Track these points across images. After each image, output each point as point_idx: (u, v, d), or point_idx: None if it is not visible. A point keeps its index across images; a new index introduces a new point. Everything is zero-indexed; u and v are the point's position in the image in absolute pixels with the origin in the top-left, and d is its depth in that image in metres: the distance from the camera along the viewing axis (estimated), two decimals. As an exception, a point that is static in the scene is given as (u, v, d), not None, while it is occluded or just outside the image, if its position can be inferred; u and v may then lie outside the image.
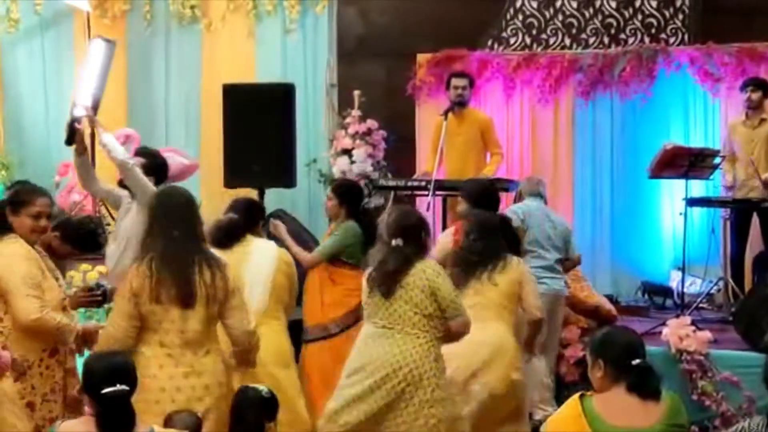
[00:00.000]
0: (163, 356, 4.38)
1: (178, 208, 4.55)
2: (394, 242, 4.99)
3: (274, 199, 8.76)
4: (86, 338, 4.67)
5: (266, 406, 4.05)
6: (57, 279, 4.77)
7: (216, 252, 4.74)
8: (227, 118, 8.75)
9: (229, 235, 5.65)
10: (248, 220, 5.86)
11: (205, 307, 4.40)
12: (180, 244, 4.45)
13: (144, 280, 4.38)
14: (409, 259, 4.94)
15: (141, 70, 10.27)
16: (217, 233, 5.59)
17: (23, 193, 4.76)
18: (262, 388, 4.12)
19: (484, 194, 6.48)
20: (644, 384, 3.81)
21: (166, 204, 4.58)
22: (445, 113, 8.27)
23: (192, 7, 10.07)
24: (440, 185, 7.90)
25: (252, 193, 8.56)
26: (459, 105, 8.50)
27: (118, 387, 3.60)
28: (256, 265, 5.64)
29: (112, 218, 8.51)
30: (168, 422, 4.06)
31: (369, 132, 9.40)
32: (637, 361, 3.82)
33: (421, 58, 9.60)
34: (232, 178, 8.57)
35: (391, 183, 8.71)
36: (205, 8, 10.13)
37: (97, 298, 5.02)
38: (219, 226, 5.71)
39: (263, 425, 3.99)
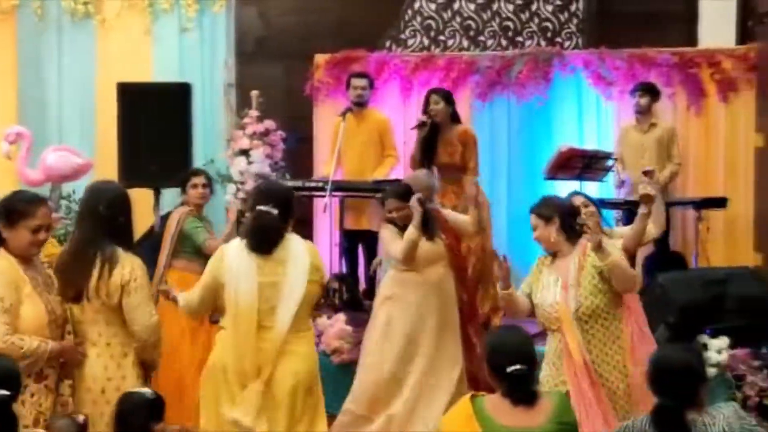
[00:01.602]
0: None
1: (84, 203, 4.62)
2: None
3: (170, 199, 8.65)
4: (63, 357, 4.37)
5: (153, 408, 3.97)
6: (51, 292, 4.43)
7: (255, 259, 4.58)
8: (122, 117, 8.63)
9: (269, 239, 4.65)
10: (287, 215, 4.74)
11: (90, 303, 4.42)
12: (81, 240, 4.49)
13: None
14: None
15: (32, 66, 10.01)
16: (254, 237, 4.66)
17: (21, 204, 4.33)
18: (146, 390, 4.04)
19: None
20: (515, 391, 3.84)
21: (83, 200, 4.69)
22: (343, 114, 8.29)
23: (85, 3, 9.87)
24: (338, 186, 7.91)
25: (148, 194, 8.49)
26: (358, 105, 8.52)
27: None
28: (290, 276, 4.66)
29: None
30: (49, 428, 4.00)
31: (267, 132, 9.34)
32: (512, 368, 3.83)
33: (319, 58, 9.58)
34: (127, 178, 8.42)
35: (290, 184, 8.67)
36: (99, 4, 9.92)
37: None
38: (254, 228, 4.70)
39: (150, 428, 3.92)
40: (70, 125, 10.04)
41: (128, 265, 4.42)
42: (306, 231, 9.23)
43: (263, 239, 4.66)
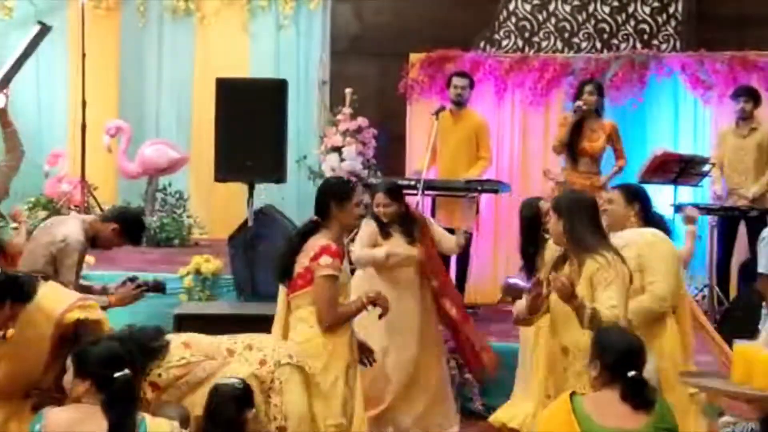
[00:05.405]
0: None
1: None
2: None
3: (265, 194, 8.77)
4: None
5: (242, 396, 4.01)
6: None
7: None
8: (219, 111, 8.70)
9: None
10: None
11: None
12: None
13: None
14: None
15: (133, 62, 10.26)
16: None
17: None
18: (233, 380, 4.05)
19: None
20: (638, 396, 3.81)
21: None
22: (437, 112, 8.26)
23: (186, 0, 10.07)
24: (430, 185, 7.91)
25: (242, 188, 8.59)
26: (457, 104, 8.48)
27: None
28: None
29: (101, 208, 8.51)
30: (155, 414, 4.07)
31: (360, 130, 9.40)
32: (633, 373, 3.81)
33: (414, 57, 9.61)
34: (222, 172, 8.49)
35: (381, 181, 8.72)
36: (199, 2, 10.14)
37: (143, 288, 5.19)
38: None
39: (242, 416, 3.95)
40: (168, 119, 10.26)
41: None
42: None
43: None
